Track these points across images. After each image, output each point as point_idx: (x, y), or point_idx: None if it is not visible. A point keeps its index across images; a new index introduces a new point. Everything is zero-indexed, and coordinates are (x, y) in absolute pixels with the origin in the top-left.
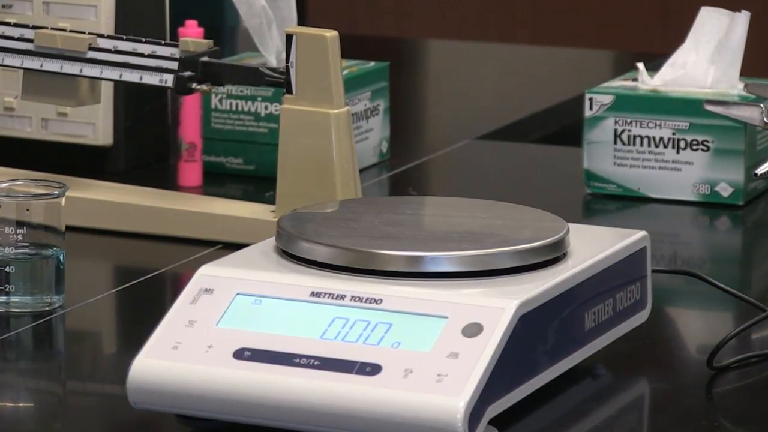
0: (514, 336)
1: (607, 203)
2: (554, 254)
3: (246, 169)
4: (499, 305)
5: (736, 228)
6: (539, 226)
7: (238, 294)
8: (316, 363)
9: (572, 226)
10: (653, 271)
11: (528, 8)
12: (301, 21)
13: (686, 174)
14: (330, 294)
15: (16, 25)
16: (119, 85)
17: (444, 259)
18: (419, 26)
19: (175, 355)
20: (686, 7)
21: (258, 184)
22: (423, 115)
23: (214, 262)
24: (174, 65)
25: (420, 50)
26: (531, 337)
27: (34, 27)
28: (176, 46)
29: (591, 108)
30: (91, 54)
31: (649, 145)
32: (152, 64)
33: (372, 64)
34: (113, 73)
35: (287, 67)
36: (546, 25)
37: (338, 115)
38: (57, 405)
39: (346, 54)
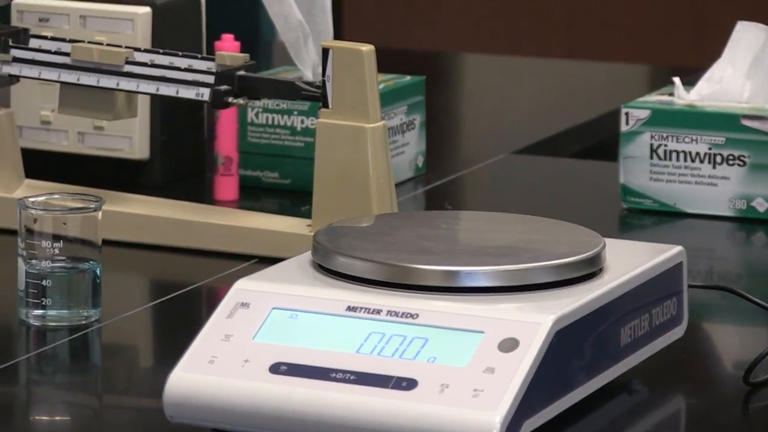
0: (550, 351)
1: (643, 218)
2: (590, 269)
3: (282, 183)
4: (535, 320)
5: None
6: (575, 241)
7: (274, 308)
8: (352, 378)
9: (608, 241)
10: (689, 286)
11: (563, 22)
12: (337, 35)
13: (722, 189)
14: (366, 308)
15: (53, 38)
16: (156, 99)
17: (480, 274)
18: (455, 40)
19: (212, 369)
20: (722, 21)
21: (294, 199)
22: (459, 129)
23: (251, 276)
24: (210, 79)
25: (456, 64)
26: (567, 352)
27: (71, 41)
28: (213, 60)
29: (627, 123)
30: (127, 68)
31: (685, 160)
32: (189, 78)
33: (408, 78)
34: (150, 87)
35: (323, 81)
36: (581, 39)
37: (374, 129)
38: (93, 419)
39: (382, 68)
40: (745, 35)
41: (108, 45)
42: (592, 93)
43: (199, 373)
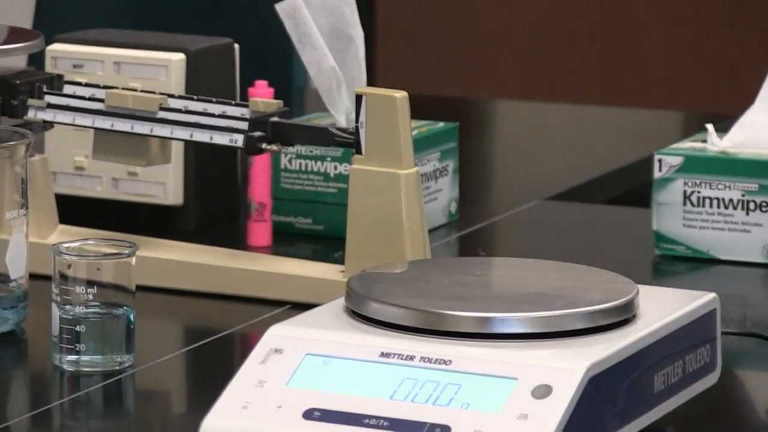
0: (583, 398)
1: (676, 265)
2: (624, 316)
3: (315, 229)
4: (568, 367)
5: None
6: (609, 288)
7: (307, 354)
8: (385, 424)
9: (641, 287)
10: (723, 333)
11: (595, 68)
12: (370, 81)
13: (756, 236)
14: (399, 355)
15: (87, 84)
16: (189, 145)
17: (513, 321)
18: (487, 86)
19: (245, 414)
20: (754, 67)
21: (327, 244)
22: (492, 175)
23: (284, 322)
24: (244, 125)
25: (488, 110)
26: (600, 399)
27: (105, 87)
28: (246, 106)
29: (660, 169)
30: (161, 114)
31: (718, 206)
32: (222, 125)
33: (441, 124)
34: (184, 133)
35: (357, 128)
36: (614, 85)
37: (407, 175)
38: None
39: (415, 114)
40: None
41: (142, 91)
42: (625, 139)
43: (233, 419)
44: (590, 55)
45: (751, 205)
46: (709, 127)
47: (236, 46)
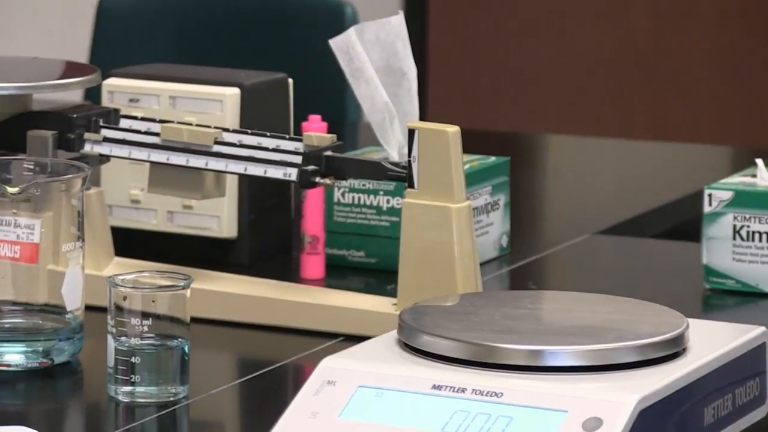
0: (634, 430)
1: (725, 299)
2: (674, 349)
3: (368, 262)
4: (619, 400)
5: None
6: (659, 321)
7: (360, 386)
8: None
9: (691, 321)
10: None
11: (644, 104)
12: (422, 116)
13: None
14: (451, 387)
15: (143, 118)
16: (244, 179)
17: (564, 354)
18: (537, 122)
19: None
20: None
21: (380, 277)
22: (542, 209)
23: (337, 354)
24: (298, 159)
25: (539, 145)
26: (650, 431)
27: (161, 121)
28: (300, 140)
29: (710, 204)
30: (216, 148)
31: (767, 241)
32: (276, 158)
33: (492, 159)
34: (238, 167)
35: (409, 162)
36: (662, 120)
37: (459, 209)
38: None
39: (466, 149)
40: None
41: (197, 125)
42: (674, 174)
43: None
44: (639, 91)
45: None
46: (759, 161)
47: (290, 80)
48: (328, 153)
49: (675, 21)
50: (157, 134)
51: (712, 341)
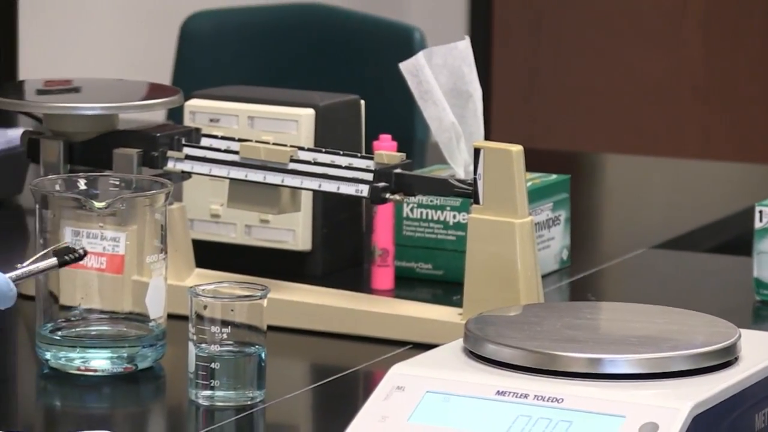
0: None
1: None
2: (726, 358)
3: (435, 274)
4: (674, 406)
5: None
6: (712, 332)
7: (428, 392)
8: None
9: (743, 331)
10: None
11: (697, 125)
12: (487, 136)
13: None
14: (514, 393)
15: (223, 137)
16: (318, 194)
17: (622, 362)
18: (596, 141)
19: None
20: None
21: (446, 288)
22: (601, 224)
23: (406, 361)
24: (369, 176)
25: (597, 164)
26: None
27: (240, 140)
28: (371, 158)
29: (761, 220)
30: (292, 165)
31: None
32: (349, 176)
33: (554, 176)
34: (312, 183)
35: (475, 179)
36: (714, 141)
37: (522, 224)
38: None
39: (529, 167)
40: None
41: (274, 144)
42: (726, 192)
43: None
44: (693, 113)
45: None
46: None
47: (362, 102)
48: (398, 170)
49: (725, 45)
50: (236, 152)
51: (762, 351)
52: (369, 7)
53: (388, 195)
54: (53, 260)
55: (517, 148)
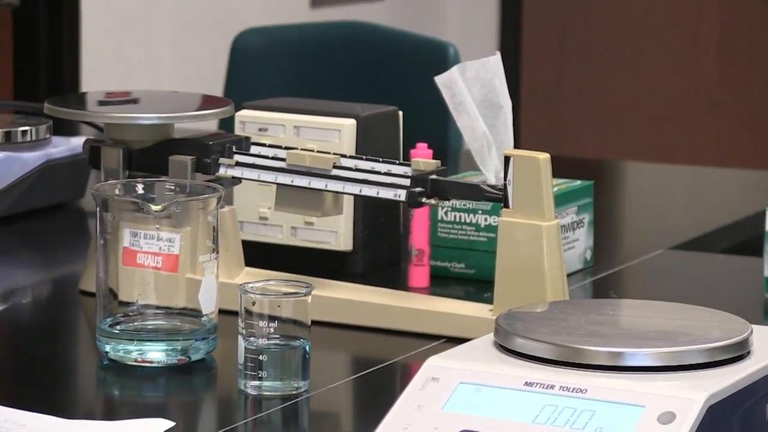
0: (703, 424)
1: None
2: (739, 352)
3: (467, 273)
4: (690, 396)
5: None
6: (726, 327)
7: (461, 382)
8: None
9: (755, 327)
10: None
11: (712, 134)
12: (516, 144)
13: None
14: (541, 384)
15: (270, 145)
16: (359, 199)
17: (642, 355)
18: (618, 149)
19: None
20: None
21: (478, 286)
22: (622, 227)
23: (440, 354)
24: (407, 182)
25: (619, 170)
26: (717, 425)
27: (286, 148)
28: (408, 165)
29: None
30: (335, 171)
31: None
32: (387, 181)
33: (578, 182)
34: (354, 188)
35: (505, 185)
36: (728, 149)
37: (549, 227)
38: None
39: (555, 173)
40: None
41: (318, 151)
42: (739, 196)
43: None
44: (708, 123)
45: None
46: None
47: (400, 112)
48: (433, 176)
49: (738, 60)
50: (282, 159)
51: None
52: (407, 24)
53: (424, 199)
54: None
55: (544, 156)
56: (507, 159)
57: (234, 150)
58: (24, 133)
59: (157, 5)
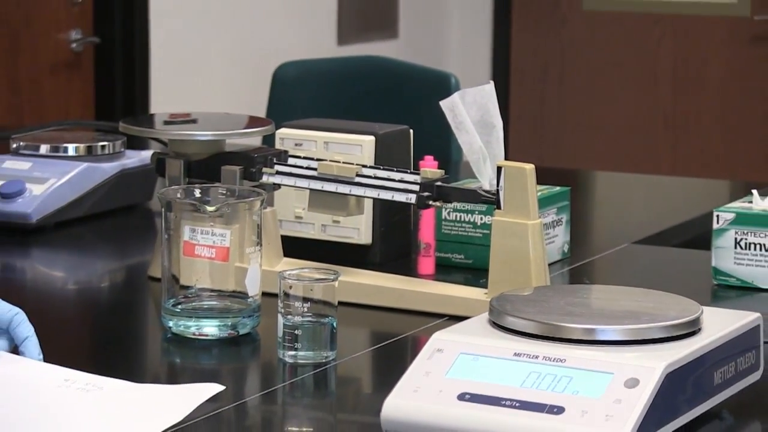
0: (662, 388)
1: (729, 292)
2: (692, 329)
3: (466, 262)
4: (651, 365)
5: None
6: (680, 308)
7: (461, 353)
8: (517, 404)
9: (705, 308)
10: (765, 342)
11: (668, 149)
12: (506, 157)
13: None
14: (528, 355)
15: (304, 158)
16: (377, 201)
17: (611, 331)
18: (590, 161)
19: (416, 396)
20: None
21: (475, 274)
22: (593, 225)
23: (444, 330)
24: (416, 188)
25: (591, 179)
26: (674, 389)
27: (318, 159)
28: (418, 174)
29: (717, 222)
30: (357, 179)
31: (760, 249)
32: (401, 187)
33: (557, 188)
34: (373, 193)
35: (497, 190)
36: (683, 161)
37: (534, 225)
38: (330, 430)
39: (539, 181)
40: None
41: (344, 163)
42: (691, 200)
43: (407, 400)
44: (664, 140)
45: None
46: (754, 191)
47: (411, 131)
48: (439, 183)
49: (690, 87)
50: (314, 169)
51: (719, 323)
52: (416, 58)
53: (430, 202)
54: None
55: (530, 167)
56: (499, 169)
57: (275, 161)
58: (103, 147)
59: (213, 43)
